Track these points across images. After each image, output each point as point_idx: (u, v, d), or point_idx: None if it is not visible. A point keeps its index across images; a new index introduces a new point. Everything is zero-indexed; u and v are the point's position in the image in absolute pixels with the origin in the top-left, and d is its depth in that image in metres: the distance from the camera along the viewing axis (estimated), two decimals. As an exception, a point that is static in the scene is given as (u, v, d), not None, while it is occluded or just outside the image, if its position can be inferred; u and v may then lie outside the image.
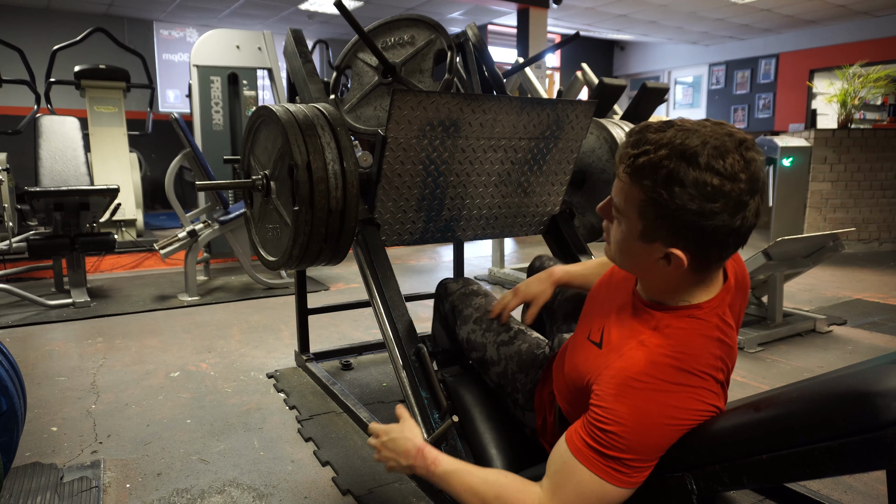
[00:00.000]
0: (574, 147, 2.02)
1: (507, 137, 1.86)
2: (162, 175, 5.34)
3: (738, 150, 0.86)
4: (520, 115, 1.83)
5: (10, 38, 5.56)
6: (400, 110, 1.63)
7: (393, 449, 1.17)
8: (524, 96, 1.90)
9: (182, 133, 3.96)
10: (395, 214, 1.83)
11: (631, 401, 0.90)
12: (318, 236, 1.66)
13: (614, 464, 0.90)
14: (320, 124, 1.66)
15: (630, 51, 12.38)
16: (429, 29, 1.98)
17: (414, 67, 2.00)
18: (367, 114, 2.02)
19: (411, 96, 1.63)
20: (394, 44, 2.02)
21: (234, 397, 2.24)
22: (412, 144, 1.72)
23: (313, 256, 1.73)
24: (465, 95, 1.72)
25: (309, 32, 9.73)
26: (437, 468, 1.10)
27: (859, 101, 5.76)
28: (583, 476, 0.92)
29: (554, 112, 1.88)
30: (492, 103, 1.76)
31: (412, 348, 1.55)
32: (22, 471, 1.70)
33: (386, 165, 1.72)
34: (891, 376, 0.73)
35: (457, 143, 1.78)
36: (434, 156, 1.78)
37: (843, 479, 1.67)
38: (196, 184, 1.88)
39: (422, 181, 1.81)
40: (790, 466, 0.77)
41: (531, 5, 7.59)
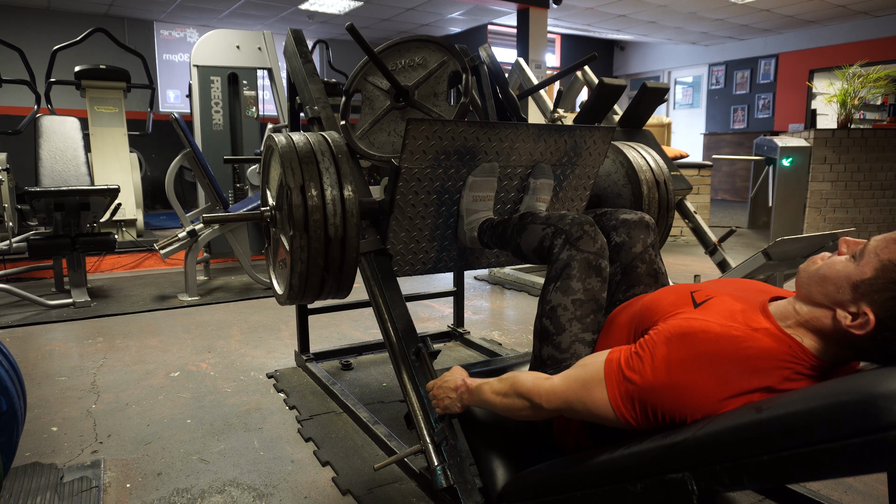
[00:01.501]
0: (591, 173, 1.97)
1: (523, 165, 1.80)
2: (162, 175, 5.34)
3: None
4: (537, 143, 1.78)
5: (10, 38, 5.56)
6: (414, 140, 1.59)
7: (444, 387, 1.37)
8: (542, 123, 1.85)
9: (182, 133, 3.96)
10: (408, 245, 1.78)
11: (673, 350, 0.96)
12: (317, 267, 1.58)
13: (623, 380, 0.99)
14: (321, 150, 1.61)
15: (630, 51, 12.38)
16: (441, 50, 1.93)
17: (428, 91, 1.95)
18: (381, 140, 1.98)
19: (426, 126, 1.59)
20: (405, 66, 1.97)
21: (234, 397, 2.24)
22: (426, 174, 1.67)
23: (315, 288, 1.65)
24: (482, 124, 1.67)
25: (309, 32, 9.73)
26: (474, 387, 1.30)
27: (859, 101, 5.76)
28: (595, 375, 1.03)
29: (572, 138, 1.83)
30: (509, 131, 1.71)
31: (412, 348, 1.55)
32: (22, 471, 1.70)
33: (399, 196, 1.67)
34: (892, 378, 0.73)
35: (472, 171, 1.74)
36: (449, 185, 1.73)
37: (843, 479, 1.67)
38: (203, 217, 1.83)
39: (435, 211, 1.76)
40: (791, 467, 0.77)
41: (531, 5, 7.59)
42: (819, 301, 0.96)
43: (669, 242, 6.02)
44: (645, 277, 1.41)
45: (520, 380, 1.18)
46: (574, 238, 1.34)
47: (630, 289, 1.40)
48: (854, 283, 0.91)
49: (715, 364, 0.94)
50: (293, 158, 1.56)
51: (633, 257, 1.42)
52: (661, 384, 0.96)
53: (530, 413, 1.17)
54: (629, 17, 9.35)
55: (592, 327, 1.31)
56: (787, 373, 0.93)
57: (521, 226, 1.51)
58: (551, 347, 1.30)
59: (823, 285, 0.96)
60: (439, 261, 1.88)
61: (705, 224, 3.58)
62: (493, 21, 9.77)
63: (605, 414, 1.02)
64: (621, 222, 1.45)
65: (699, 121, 11.52)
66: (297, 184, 1.53)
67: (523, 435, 1.41)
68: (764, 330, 0.96)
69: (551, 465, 1.19)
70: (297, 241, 1.54)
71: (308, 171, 1.55)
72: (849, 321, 0.91)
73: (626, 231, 1.44)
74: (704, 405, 0.94)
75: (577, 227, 1.35)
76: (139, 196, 5.86)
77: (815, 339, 0.96)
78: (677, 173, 3.63)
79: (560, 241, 1.36)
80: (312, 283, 1.61)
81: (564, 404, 1.09)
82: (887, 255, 0.89)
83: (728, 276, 3.35)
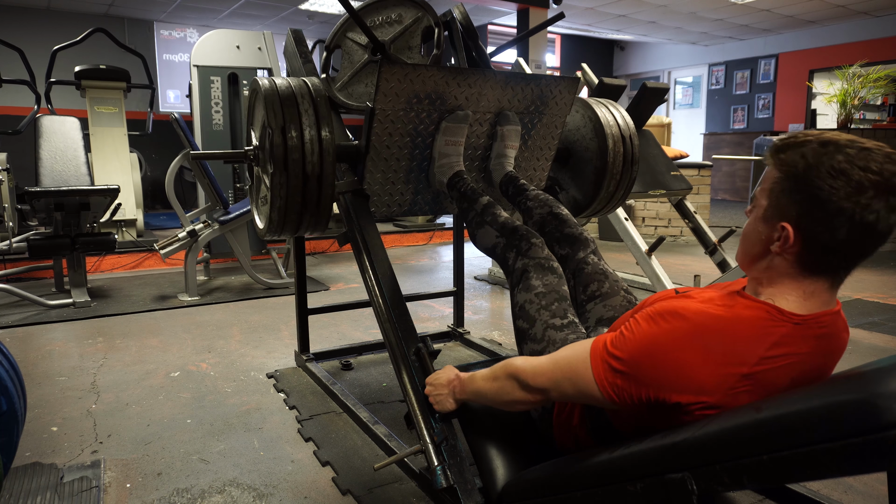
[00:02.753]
0: (558, 123, 2.07)
1: (491, 112, 1.90)
2: (162, 175, 5.34)
3: (882, 155, 0.90)
4: (504, 90, 1.87)
5: (10, 38, 5.56)
6: (387, 82, 1.68)
7: (436, 384, 1.40)
8: (509, 70, 1.96)
9: (182, 133, 3.96)
10: (384, 186, 1.89)
11: (655, 326, 0.99)
12: (296, 202, 1.70)
13: (608, 357, 1.02)
14: (301, 93, 1.70)
15: (630, 51, 12.38)
16: (416, 7, 2.04)
17: (402, 45, 2.06)
18: (359, 91, 2.08)
19: (398, 69, 1.68)
20: (382, 22, 2.08)
21: (234, 397, 2.24)
22: (399, 116, 1.77)
23: (294, 223, 1.76)
24: (451, 68, 1.76)
25: (309, 32, 9.72)
26: (465, 377, 1.35)
27: (859, 101, 5.76)
28: (581, 354, 1.07)
29: (538, 87, 1.93)
30: (476, 77, 1.80)
31: (412, 348, 1.55)
32: (22, 471, 1.70)
33: (374, 137, 1.77)
34: (892, 378, 0.73)
35: (443, 116, 1.83)
36: (421, 128, 1.83)
37: (843, 479, 1.67)
38: (191, 153, 1.94)
39: (409, 153, 1.86)
40: (791, 467, 0.77)
41: (531, 5, 7.59)
42: (755, 253, 1.01)
43: (669, 242, 6.02)
44: (594, 275, 1.55)
45: (509, 361, 1.23)
46: (524, 250, 1.54)
47: (587, 287, 1.54)
48: (761, 217, 0.99)
49: (696, 336, 0.95)
50: (275, 101, 1.67)
51: (577, 262, 1.59)
52: (644, 355, 0.98)
53: (520, 394, 1.19)
54: (629, 17, 9.35)
55: (560, 313, 1.42)
56: (774, 338, 0.94)
57: (480, 221, 1.70)
58: (530, 342, 1.41)
59: (749, 240, 1.03)
60: (415, 203, 1.98)
61: (705, 224, 3.58)
62: (493, 21, 9.77)
63: (590, 391, 1.05)
64: (564, 236, 1.65)
65: (699, 121, 11.52)
66: (279, 125, 1.64)
67: (523, 435, 1.41)
68: (740, 304, 0.99)
69: (551, 465, 1.19)
70: (277, 178, 1.66)
71: (289, 113, 1.66)
72: (778, 245, 0.96)
73: (569, 244, 1.63)
74: (689, 378, 0.95)
75: (525, 242, 1.55)
76: (139, 196, 5.86)
77: (783, 292, 0.97)
78: (677, 173, 3.63)
79: (512, 255, 1.56)
80: (291, 217, 1.74)
81: (551, 382, 1.12)
82: (769, 182, 0.98)
83: (728, 276, 3.35)
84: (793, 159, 0.94)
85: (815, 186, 0.91)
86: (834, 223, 0.90)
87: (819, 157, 0.91)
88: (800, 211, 0.93)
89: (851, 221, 0.89)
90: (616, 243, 5.87)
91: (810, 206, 0.92)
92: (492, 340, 2.87)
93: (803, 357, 0.96)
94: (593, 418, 1.21)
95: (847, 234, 0.90)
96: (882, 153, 0.90)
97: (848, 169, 0.89)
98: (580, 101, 2.25)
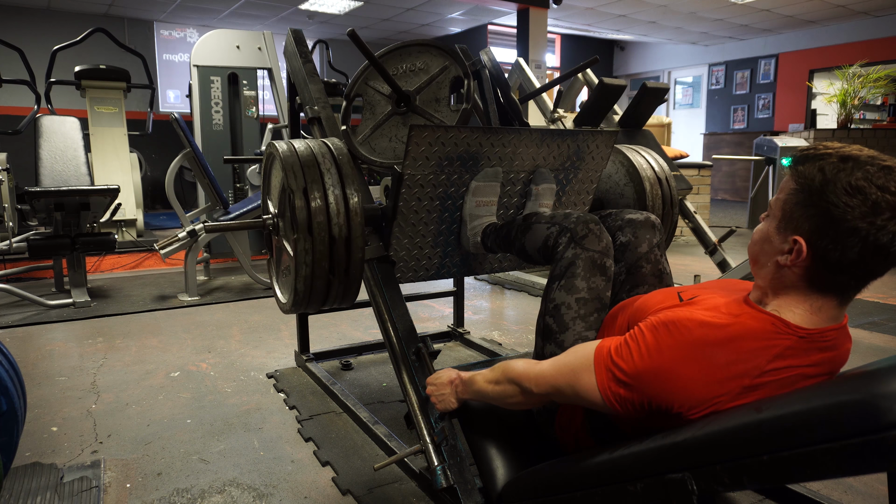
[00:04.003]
0: (594, 177, 1.96)
1: (526, 170, 1.80)
2: (162, 175, 5.34)
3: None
4: (539, 148, 1.77)
5: (10, 38, 5.56)
6: (417, 146, 1.59)
7: (438, 383, 1.40)
8: (544, 128, 1.86)
9: (182, 133, 3.96)
10: (411, 251, 1.77)
11: (659, 338, 0.98)
12: (322, 270, 1.55)
13: (611, 366, 1.01)
14: (322, 154, 1.60)
15: (630, 51, 12.38)
16: (442, 55, 1.92)
17: (429, 96, 1.94)
18: (382, 145, 1.97)
19: (429, 132, 1.58)
20: (406, 71, 1.96)
21: (234, 397, 2.24)
22: (429, 180, 1.67)
23: (321, 293, 1.62)
24: (484, 129, 1.66)
25: (309, 32, 9.73)
26: (467, 378, 1.33)
27: (859, 101, 5.76)
28: (585, 361, 1.06)
29: (574, 143, 1.83)
30: (511, 136, 1.70)
31: (412, 348, 1.54)
32: (22, 471, 1.70)
33: (402, 203, 1.67)
34: (893, 378, 0.73)
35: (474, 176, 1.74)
36: (452, 191, 1.72)
37: (843, 479, 1.67)
38: (206, 225, 1.82)
39: (438, 217, 1.75)
40: (791, 467, 0.77)
41: (531, 5, 7.59)
42: (764, 261, 1.00)
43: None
44: (649, 277, 1.41)
45: (511, 366, 1.21)
46: (579, 236, 1.34)
47: (634, 288, 1.40)
48: (774, 227, 0.98)
49: (699, 349, 0.95)
50: (295, 162, 1.55)
51: (638, 257, 1.42)
52: (647, 369, 0.98)
53: (522, 399, 1.19)
54: (629, 17, 9.35)
55: (596, 326, 1.32)
56: (777, 350, 0.94)
57: (526, 226, 1.52)
58: (554, 345, 1.31)
59: (760, 247, 1.01)
60: (442, 267, 1.87)
61: (705, 224, 3.58)
62: (493, 21, 9.77)
63: (593, 399, 1.04)
64: (627, 222, 1.45)
65: (699, 121, 11.52)
66: (300, 186, 1.52)
67: (523, 435, 1.41)
68: (746, 314, 0.98)
69: (551, 465, 1.19)
70: (301, 243, 1.52)
71: (310, 174, 1.54)
72: (789, 259, 0.94)
73: (632, 231, 1.44)
74: (691, 391, 0.95)
75: (583, 226, 1.35)
76: (139, 196, 5.86)
77: (790, 305, 0.96)
78: (677, 173, 3.63)
79: (565, 240, 1.36)
80: (318, 287, 1.58)
81: (553, 389, 1.11)
82: (785, 193, 0.96)
83: (728, 276, 3.35)
84: (810, 172, 0.91)
85: (829, 203, 0.88)
86: (846, 242, 0.88)
87: (837, 172, 0.89)
88: (813, 226, 0.91)
89: (864, 242, 0.87)
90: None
91: (823, 223, 0.89)
92: (492, 340, 2.87)
93: (806, 370, 0.95)
94: (595, 419, 1.21)
95: (859, 255, 0.88)
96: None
97: (865, 187, 0.86)
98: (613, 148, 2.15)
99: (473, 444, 1.39)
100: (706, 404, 0.95)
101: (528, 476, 1.23)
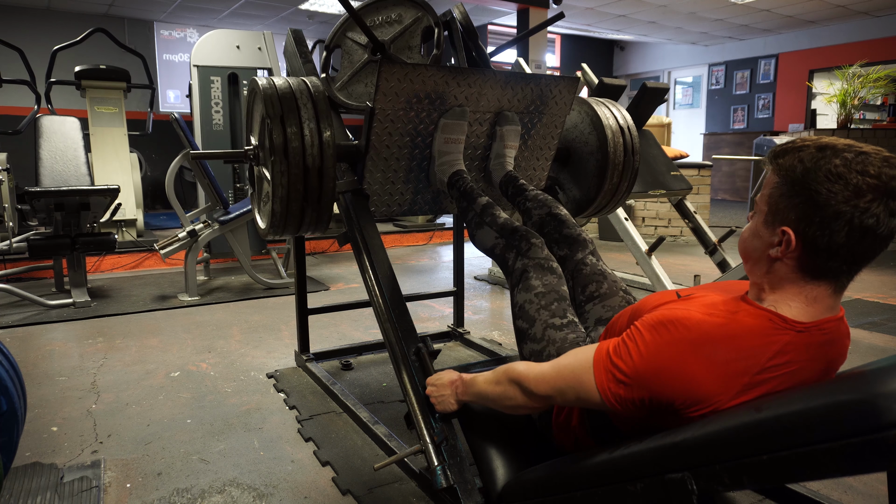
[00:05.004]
0: (558, 122, 2.07)
1: (491, 111, 1.90)
2: (162, 175, 5.34)
3: (880, 159, 0.90)
4: (504, 89, 1.87)
5: (10, 38, 5.55)
6: (387, 82, 1.69)
7: (438, 384, 1.41)
8: (508, 70, 1.96)
9: (182, 133, 3.96)
10: (384, 185, 1.88)
11: (657, 336, 0.98)
12: (297, 193, 1.68)
13: (610, 366, 1.02)
14: (300, 91, 1.71)
15: (630, 51, 12.38)
16: (415, 7, 2.04)
17: (402, 45, 2.06)
18: (359, 91, 2.08)
19: (398, 68, 1.68)
20: (381, 22, 2.08)
21: (234, 397, 2.24)
22: (399, 116, 1.77)
23: (296, 218, 1.74)
24: (451, 68, 1.76)
25: (309, 32, 9.72)
26: (468, 379, 1.35)
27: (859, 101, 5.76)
28: (584, 362, 1.07)
29: (538, 87, 1.93)
30: (476, 76, 1.80)
31: (412, 348, 1.55)
32: (22, 471, 1.70)
33: (374, 137, 1.77)
34: (892, 378, 0.73)
35: (443, 115, 1.84)
36: (421, 128, 1.83)
37: (843, 479, 1.67)
38: (191, 153, 1.94)
39: (409, 153, 1.86)
40: (790, 467, 0.77)
41: (531, 5, 7.58)
42: (757, 258, 1.01)
43: (669, 242, 6.02)
44: (593, 275, 1.55)
45: (512, 367, 1.22)
46: (524, 250, 1.53)
47: (585, 287, 1.54)
48: (762, 222, 0.99)
49: (697, 346, 0.95)
50: (273, 95, 1.68)
51: (576, 262, 1.59)
52: (647, 369, 0.98)
53: (522, 399, 1.19)
54: (629, 17, 9.35)
55: (559, 313, 1.41)
56: (776, 346, 0.94)
57: (480, 222, 1.69)
58: (529, 342, 1.40)
59: (750, 243, 1.03)
60: (414, 203, 1.98)
61: (705, 224, 3.58)
62: (493, 21, 9.77)
63: (593, 400, 1.05)
64: (563, 237, 1.65)
65: (699, 121, 11.52)
66: (277, 114, 1.65)
67: (523, 435, 1.41)
68: (743, 311, 0.98)
69: (551, 465, 1.19)
70: (278, 166, 1.65)
71: (287, 107, 1.66)
72: (780, 251, 0.96)
73: (568, 245, 1.63)
74: (690, 389, 0.95)
75: (525, 242, 1.54)
76: (139, 196, 5.86)
77: (786, 299, 0.97)
78: (677, 173, 3.63)
79: (512, 255, 1.55)
80: (293, 210, 1.71)
81: (554, 390, 1.12)
82: (769, 188, 0.99)
83: (728, 276, 3.35)
84: (791, 164, 0.94)
85: (812, 190, 0.90)
86: (833, 226, 0.90)
87: (816, 161, 0.91)
88: (799, 215, 0.93)
89: (850, 225, 0.89)
90: (616, 243, 5.87)
91: (809, 210, 0.91)
92: (492, 340, 2.87)
93: (805, 364, 0.96)
94: (593, 418, 1.21)
95: (846, 238, 0.90)
96: (879, 157, 0.90)
97: (845, 173, 0.89)
98: (578, 98, 2.26)
99: (473, 444, 1.39)
100: (706, 402, 0.95)
101: (528, 476, 1.23)
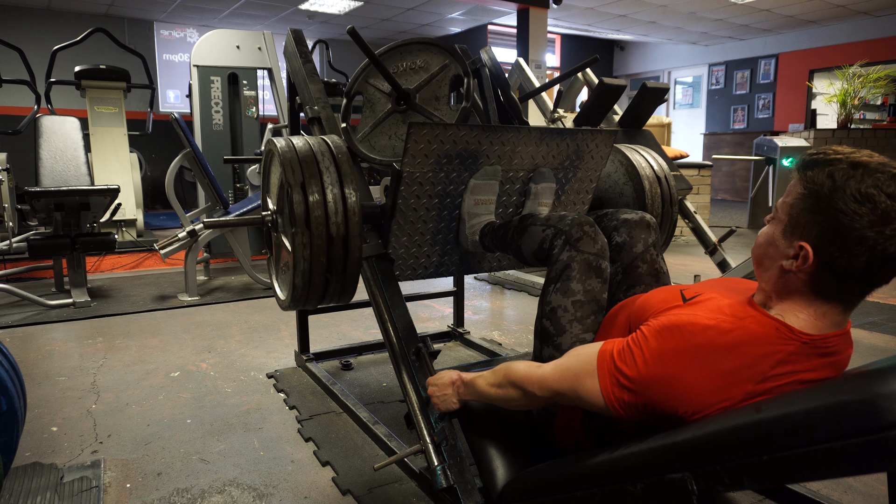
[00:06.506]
0: (593, 176, 1.96)
1: (525, 169, 1.79)
2: (162, 175, 5.34)
3: None
4: (539, 146, 1.77)
5: (10, 38, 5.56)
6: (416, 144, 1.59)
7: (439, 384, 1.40)
8: (543, 126, 1.86)
9: (182, 133, 3.96)
10: (410, 249, 1.77)
11: (662, 343, 0.97)
12: (320, 265, 1.55)
13: (615, 372, 1.01)
14: (321, 151, 1.60)
15: (630, 51, 12.38)
16: (442, 53, 1.92)
17: (429, 95, 1.94)
18: (382, 143, 1.97)
19: (428, 129, 1.58)
20: (406, 69, 1.96)
21: (234, 397, 2.24)
22: (428, 178, 1.67)
23: (318, 289, 1.61)
24: (484, 127, 1.66)
25: (309, 32, 9.73)
26: (469, 379, 1.33)
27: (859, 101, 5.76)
28: (587, 366, 1.05)
29: (574, 142, 1.83)
30: (511, 134, 1.70)
31: (412, 348, 1.54)
32: (22, 471, 1.70)
33: (401, 200, 1.67)
34: (893, 378, 0.73)
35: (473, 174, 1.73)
36: (450, 189, 1.72)
37: (843, 479, 1.67)
38: (204, 221, 1.83)
39: (437, 215, 1.75)
40: (791, 467, 0.77)
41: (531, 5, 7.58)
42: (769, 266, 1.00)
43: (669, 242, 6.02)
44: (646, 277, 1.41)
45: (512, 369, 1.20)
46: (574, 239, 1.34)
47: (631, 288, 1.40)
48: (780, 232, 0.97)
49: (703, 354, 0.94)
50: (293, 158, 1.56)
51: (634, 257, 1.42)
52: (652, 376, 0.97)
53: (524, 402, 1.19)
54: (629, 17, 9.35)
55: (593, 328, 1.31)
56: (780, 356, 0.93)
57: (522, 228, 1.52)
58: (552, 348, 1.31)
59: (765, 250, 1.01)
60: (441, 265, 1.87)
61: (705, 224, 3.58)
62: (493, 21, 9.77)
63: (596, 403, 1.04)
64: (622, 222, 1.45)
65: (699, 121, 11.52)
66: (298, 181, 1.52)
67: (523, 435, 1.41)
68: (750, 318, 0.97)
69: (551, 465, 1.19)
70: (300, 237, 1.52)
71: (308, 169, 1.54)
72: (795, 265, 0.94)
73: (628, 231, 1.44)
74: (695, 396, 0.95)
75: (577, 228, 1.35)
76: (139, 196, 5.86)
77: (794, 310, 0.96)
78: (677, 173, 3.63)
79: (560, 242, 1.36)
80: (315, 282, 1.58)
81: (556, 393, 1.11)
82: (792, 197, 0.96)
83: (728, 276, 3.35)
84: (819, 178, 0.91)
85: (838, 210, 0.88)
86: (854, 251, 0.87)
87: (846, 179, 0.88)
88: (820, 232, 0.90)
89: (872, 251, 0.86)
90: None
91: (831, 230, 0.89)
92: (492, 340, 2.87)
93: (807, 374, 0.95)
94: (594, 419, 1.21)
95: (865, 264, 0.87)
96: None
97: (875, 195, 0.85)
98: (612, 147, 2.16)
99: (473, 444, 1.39)
100: (709, 409, 0.95)
101: (528, 476, 1.23)
